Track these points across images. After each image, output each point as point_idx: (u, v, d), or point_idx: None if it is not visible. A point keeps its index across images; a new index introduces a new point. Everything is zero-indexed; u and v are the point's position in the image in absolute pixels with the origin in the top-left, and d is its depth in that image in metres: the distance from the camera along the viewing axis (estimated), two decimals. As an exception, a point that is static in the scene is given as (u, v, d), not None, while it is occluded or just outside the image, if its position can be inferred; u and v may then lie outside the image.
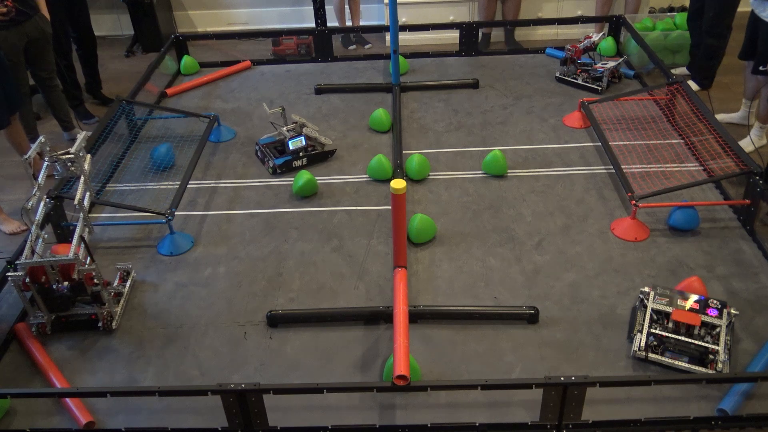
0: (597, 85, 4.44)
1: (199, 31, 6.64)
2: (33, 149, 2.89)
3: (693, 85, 4.84)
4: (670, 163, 3.63)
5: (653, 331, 2.54)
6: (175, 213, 3.29)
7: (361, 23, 6.29)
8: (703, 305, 2.59)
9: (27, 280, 2.66)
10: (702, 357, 2.47)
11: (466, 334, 2.71)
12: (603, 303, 2.81)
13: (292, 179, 3.61)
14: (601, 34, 5.21)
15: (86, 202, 2.97)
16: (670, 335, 2.51)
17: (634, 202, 3.17)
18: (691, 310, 2.57)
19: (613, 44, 4.94)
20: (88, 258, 2.80)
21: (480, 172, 3.68)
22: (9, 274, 2.71)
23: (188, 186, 3.59)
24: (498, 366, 2.57)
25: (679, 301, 2.61)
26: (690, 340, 2.49)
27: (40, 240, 2.81)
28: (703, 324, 2.53)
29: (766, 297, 2.81)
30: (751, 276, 2.91)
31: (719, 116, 4.41)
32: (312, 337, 2.74)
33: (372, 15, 6.55)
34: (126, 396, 2.46)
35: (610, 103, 4.12)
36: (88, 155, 3.08)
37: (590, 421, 2.32)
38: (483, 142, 3.95)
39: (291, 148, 3.72)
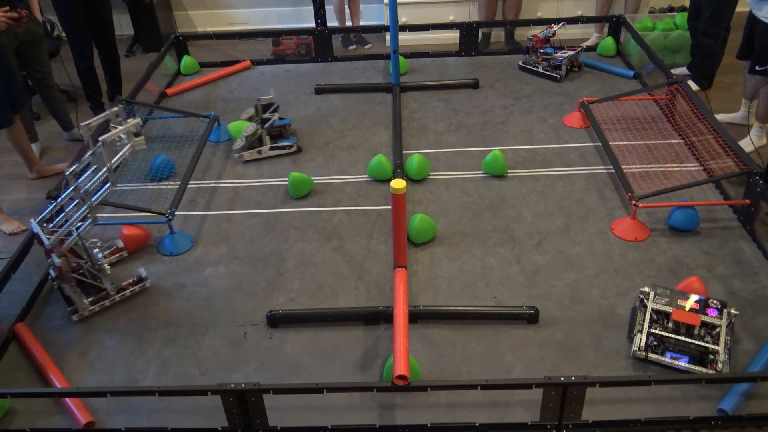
0: (556, 74, 4.58)
1: (199, 31, 6.64)
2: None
3: (693, 85, 4.84)
4: (670, 163, 3.63)
5: (653, 331, 2.54)
6: (175, 213, 3.29)
7: (361, 23, 6.30)
8: (703, 305, 2.58)
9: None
10: (702, 357, 2.47)
11: (466, 334, 2.71)
12: (603, 303, 2.81)
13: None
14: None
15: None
16: (670, 335, 2.51)
17: (634, 202, 3.17)
18: (691, 310, 2.56)
19: (613, 44, 4.94)
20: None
21: (480, 172, 3.68)
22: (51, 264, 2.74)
23: (188, 186, 3.59)
24: (498, 366, 2.57)
25: (679, 301, 2.61)
26: (690, 340, 2.49)
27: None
28: (703, 324, 2.53)
29: (766, 297, 2.81)
30: (751, 276, 2.91)
31: (719, 116, 4.41)
32: (312, 337, 2.74)
33: (372, 15, 6.55)
34: (126, 396, 2.46)
35: (610, 103, 4.12)
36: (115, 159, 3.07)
37: (590, 421, 2.32)
38: (483, 142, 3.95)
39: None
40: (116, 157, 2.85)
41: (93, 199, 2.83)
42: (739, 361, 2.53)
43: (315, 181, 3.63)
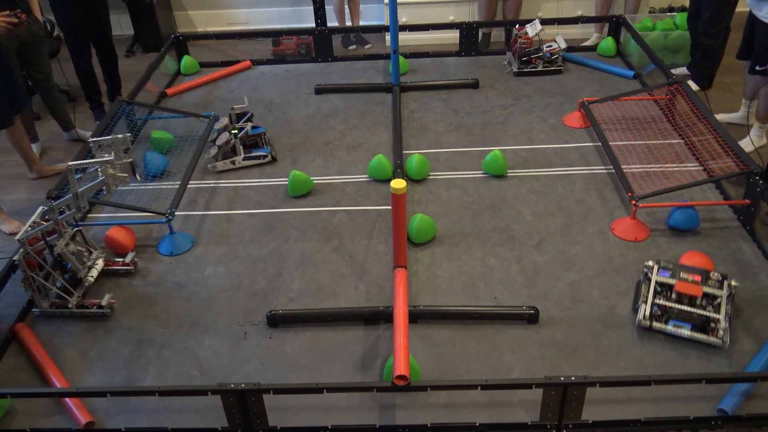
0: (557, 67, 4.66)
1: (199, 31, 6.64)
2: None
3: (693, 86, 4.84)
4: (670, 163, 3.63)
5: (657, 301, 2.64)
6: (175, 213, 3.29)
7: (361, 23, 6.30)
8: (705, 277, 2.69)
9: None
10: (704, 325, 2.58)
11: (466, 334, 2.71)
12: (603, 303, 2.81)
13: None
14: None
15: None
16: (673, 305, 2.61)
17: (634, 202, 3.17)
18: (693, 282, 2.67)
19: (613, 44, 4.94)
20: None
21: (480, 172, 3.68)
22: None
23: (188, 186, 3.59)
24: (498, 366, 2.57)
25: (682, 274, 2.71)
26: (692, 309, 2.59)
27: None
28: (705, 295, 2.63)
29: (766, 297, 2.81)
30: (751, 276, 2.91)
31: (719, 116, 4.41)
32: (312, 337, 2.74)
33: (372, 15, 6.55)
34: (126, 396, 2.46)
35: (610, 103, 4.12)
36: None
37: (590, 421, 2.32)
38: (483, 142, 3.95)
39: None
40: (83, 188, 2.89)
41: (61, 216, 2.86)
42: (739, 361, 2.53)
43: (315, 181, 3.63)
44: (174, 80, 4.96)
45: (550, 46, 4.67)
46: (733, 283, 2.66)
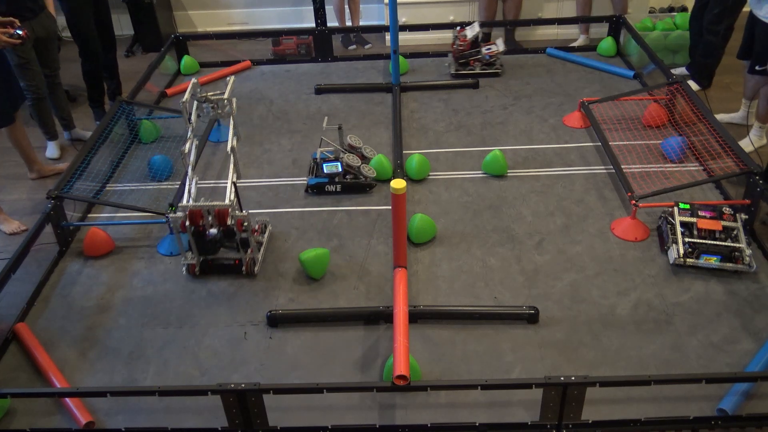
0: (495, 69, 4.69)
1: (199, 31, 6.64)
2: (188, 92, 3.14)
3: (693, 85, 4.84)
4: (670, 163, 3.63)
5: (687, 239, 2.91)
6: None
7: (361, 23, 6.29)
8: (719, 213, 3.01)
9: (186, 222, 2.88)
10: (731, 254, 2.88)
11: (466, 334, 2.71)
12: (603, 303, 2.81)
13: (292, 179, 3.61)
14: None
15: (233, 144, 3.12)
16: (703, 241, 2.91)
17: (634, 202, 3.17)
18: (712, 218, 2.99)
19: (613, 44, 4.94)
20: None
21: (480, 172, 3.68)
22: (169, 215, 2.98)
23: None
24: (498, 366, 2.57)
25: (700, 212, 3.02)
26: (719, 243, 2.90)
27: (194, 182, 3.02)
28: (724, 228, 2.95)
29: (766, 297, 2.81)
30: (751, 276, 2.91)
31: (719, 116, 4.40)
32: (312, 337, 2.74)
33: (372, 15, 6.55)
34: (126, 396, 2.46)
35: (610, 103, 4.12)
36: (234, 99, 3.30)
37: (590, 421, 2.32)
38: (483, 142, 3.95)
39: (325, 171, 3.54)
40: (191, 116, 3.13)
41: (191, 159, 3.07)
42: (739, 361, 2.53)
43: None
44: (174, 80, 4.96)
45: (490, 48, 4.69)
46: (742, 216, 2.97)
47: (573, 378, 2.19)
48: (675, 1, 6.07)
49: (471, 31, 4.69)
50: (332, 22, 5.94)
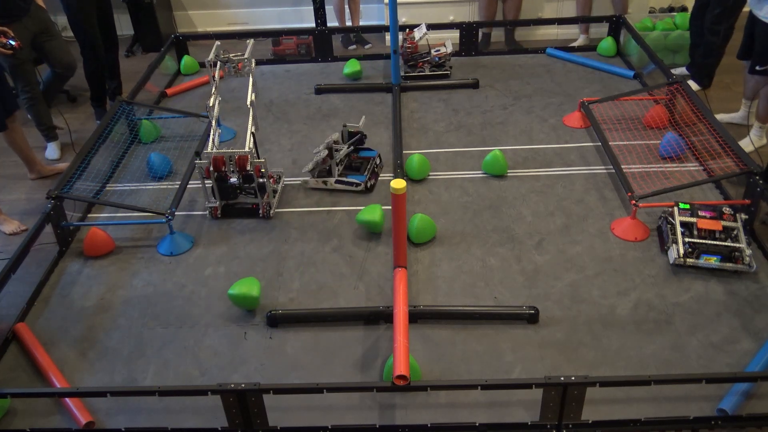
0: (444, 70, 4.68)
1: (199, 31, 6.64)
2: (213, 52, 3.49)
3: (693, 85, 4.84)
4: (670, 163, 3.63)
5: (687, 239, 2.90)
6: (175, 213, 3.29)
7: (361, 23, 6.29)
8: (719, 213, 3.00)
9: (210, 168, 3.22)
10: (731, 255, 2.87)
11: (466, 334, 2.71)
12: (603, 303, 2.81)
13: (292, 179, 3.61)
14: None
15: (252, 98, 3.45)
16: (703, 241, 2.91)
17: (634, 202, 3.17)
18: (711, 218, 2.98)
19: (613, 44, 4.94)
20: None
21: (480, 172, 3.68)
22: (196, 161, 3.27)
23: (188, 186, 3.59)
24: (498, 366, 2.57)
25: (700, 212, 3.01)
26: (720, 243, 2.89)
27: (217, 134, 3.33)
28: (724, 228, 2.95)
29: (766, 297, 2.81)
30: (751, 276, 2.91)
31: (719, 116, 4.41)
32: (312, 337, 2.74)
33: (372, 15, 6.55)
34: (126, 396, 2.46)
35: (610, 103, 4.12)
36: (253, 59, 3.62)
37: (590, 421, 2.32)
38: (483, 142, 3.95)
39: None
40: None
41: (215, 113, 3.38)
42: (739, 361, 2.53)
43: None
44: (174, 80, 4.96)
45: (438, 50, 4.69)
46: (742, 216, 2.96)
47: (573, 378, 2.19)
48: (675, 1, 6.07)
49: (419, 33, 4.68)
50: (332, 22, 5.94)
